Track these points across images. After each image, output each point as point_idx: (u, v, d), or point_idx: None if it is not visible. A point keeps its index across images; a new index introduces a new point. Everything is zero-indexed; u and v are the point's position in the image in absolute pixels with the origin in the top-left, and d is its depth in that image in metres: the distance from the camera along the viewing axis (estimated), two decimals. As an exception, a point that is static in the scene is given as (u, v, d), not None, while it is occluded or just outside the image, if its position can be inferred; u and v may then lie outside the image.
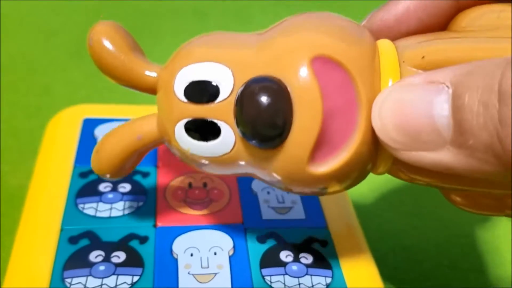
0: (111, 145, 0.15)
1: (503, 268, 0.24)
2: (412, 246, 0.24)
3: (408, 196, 0.27)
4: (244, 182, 0.20)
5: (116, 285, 0.15)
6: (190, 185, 0.19)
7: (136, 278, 0.16)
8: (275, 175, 0.14)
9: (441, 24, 0.16)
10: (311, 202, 0.19)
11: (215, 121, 0.14)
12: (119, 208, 0.18)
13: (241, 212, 0.19)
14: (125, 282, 0.16)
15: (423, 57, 0.13)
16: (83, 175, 0.19)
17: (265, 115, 0.13)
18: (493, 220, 0.26)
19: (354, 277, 0.17)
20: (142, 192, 0.19)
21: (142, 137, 0.15)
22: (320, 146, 0.13)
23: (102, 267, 0.16)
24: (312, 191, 0.14)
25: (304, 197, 0.19)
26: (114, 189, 0.19)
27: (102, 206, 0.18)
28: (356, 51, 0.13)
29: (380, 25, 0.15)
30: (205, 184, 0.19)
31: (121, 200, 0.18)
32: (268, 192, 0.20)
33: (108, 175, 0.16)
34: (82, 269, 0.16)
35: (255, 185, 0.20)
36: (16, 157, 0.26)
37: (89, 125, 0.21)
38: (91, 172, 0.19)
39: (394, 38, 0.15)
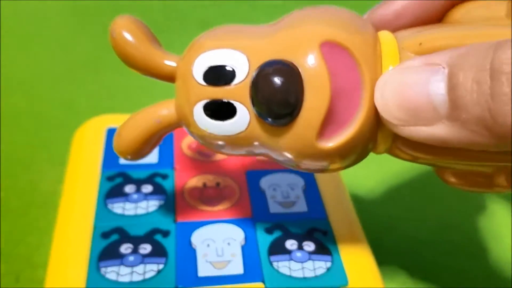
0: (131, 128, 0.16)
1: (504, 254, 0.24)
2: (411, 236, 0.25)
3: (407, 188, 0.28)
4: (253, 180, 0.21)
5: (144, 272, 0.17)
6: (204, 185, 0.21)
7: (161, 266, 0.18)
8: (286, 151, 0.15)
9: (436, 18, 0.16)
10: (313, 197, 0.21)
11: (232, 101, 0.15)
12: (143, 207, 0.20)
13: (250, 207, 0.20)
14: (152, 270, 0.18)
15: (420, 43, 0.14)
16: (110, 178, 0.21)
17: (279, 95, 0.14)
18: (492, 207, 0.27)
19: (351, 262, 0.18)
20: (162, 192, 0.21)
21: (161, 121, 0.16)
22: (328, 123, 0.14)
23: (131, 258, 0.18)
24: (316, 168, 0.16)
25: (307, 192, 0.21)
26: (138, 191, 0.21)
27: (128, 205, 0.20)
28: (360, 39, 0.14)
29: (380, 19, 0.16)
30: (218, 184, 0.21)
31: (144, 199, 0.20)
32: (275, 189, 0.21)
33: (129, 157, 0.17)
34: (115, 260, 0.18)
35: (263, 183, 0.21)
36: (44, 166, 0.27)
37: (113, 134, 0.23)
38: (117, 176, 0.21)
39: (392, 31, 0.16)
